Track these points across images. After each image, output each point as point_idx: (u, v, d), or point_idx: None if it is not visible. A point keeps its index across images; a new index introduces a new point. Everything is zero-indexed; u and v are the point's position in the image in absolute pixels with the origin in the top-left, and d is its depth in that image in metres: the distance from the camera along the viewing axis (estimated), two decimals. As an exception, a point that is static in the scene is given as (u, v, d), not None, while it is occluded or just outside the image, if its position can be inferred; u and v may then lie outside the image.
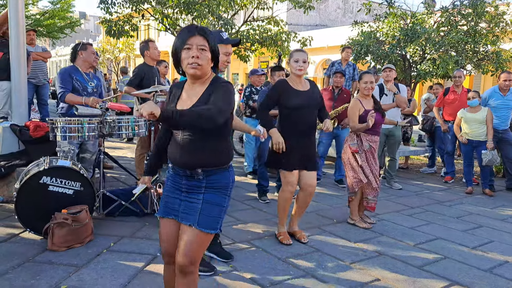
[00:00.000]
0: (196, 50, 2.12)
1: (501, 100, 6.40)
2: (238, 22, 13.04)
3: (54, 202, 3.76)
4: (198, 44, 2.13)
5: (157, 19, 11.46)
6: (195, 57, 2.12)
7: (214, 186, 2.22)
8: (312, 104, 3.91)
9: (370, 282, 3.30)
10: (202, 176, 2.20)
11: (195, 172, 2.20)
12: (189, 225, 2.18)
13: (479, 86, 18.12)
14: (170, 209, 2.28)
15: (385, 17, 9.55)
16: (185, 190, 2.25)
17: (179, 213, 2.24)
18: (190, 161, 2.19)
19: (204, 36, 2.14)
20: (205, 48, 2.14)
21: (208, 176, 2.21)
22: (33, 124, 4.94)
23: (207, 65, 2.17)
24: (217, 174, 2.23)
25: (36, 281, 3.07)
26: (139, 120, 4.30)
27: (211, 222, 2.19)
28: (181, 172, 2.24)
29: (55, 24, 17.45)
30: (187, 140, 2.18)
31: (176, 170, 2.27)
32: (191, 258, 2.18)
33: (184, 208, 2.23)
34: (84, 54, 4.60)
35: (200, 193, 2.21)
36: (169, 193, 2.30)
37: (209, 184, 2.21)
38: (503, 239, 4.39)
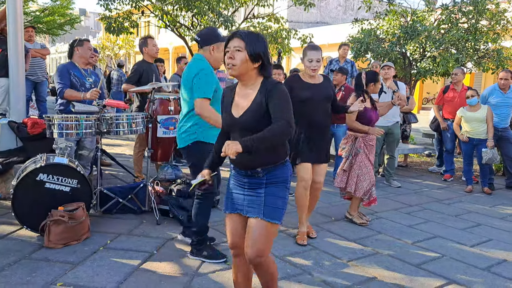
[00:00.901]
0: (232, 52, 2.28)
1: (501, 98, 6.38)
2: (238, 19, 13.00)
3: (51, 199, 3.75)
4: (234, 46, 2.28)
5: (157, 16, 11.42)
6: (230, 58, 2.28)
7: (274, 181, 2.37)
8: (324, 97, 3.92)
9: (367, 280, 3.29)
10: (262, 174, 2.36)
11: (255, 172, 2.36)
12: (255, 218, 2.32)
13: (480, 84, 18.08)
14: (235, 204, 2.44)
15: (385, 14, 9.52)
16: (248, 187, 2.40)
17: (244, 207, 2.40)
18: (250, 163, 2.34)
19: (240, 38, 2.28)
20: (240, 49, 2.27)
21: (267, 173, 2.36)
22: (31, 121, 4.93)
23: (243, 65, 2.28)
24: (276, 170, 2.37)
25: (32, 278, 3.07)
26: (136, 117, 4.29)
27: (275, 213, 2.33)
28: (242, 172, 2.40)
29: (55, 21, 17.44)
30: None
31: (237, 170, 2.42)
32: (258, 249, 2.29)
33: (248, 203, 2.38)
34: (80, 50, 4.58)
35: (262, 188, 2.36)
36: (233, 190, 2.46)
37: (269, 180, 2.36)
38: (501, 237, 4.38)
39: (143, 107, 5.40)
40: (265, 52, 2.32)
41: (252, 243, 2.30)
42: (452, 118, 6.74)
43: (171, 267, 3.35)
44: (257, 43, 2.29)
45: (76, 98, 4.38)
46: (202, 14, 10.91)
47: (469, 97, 6.16)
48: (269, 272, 2.41)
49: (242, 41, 2.27)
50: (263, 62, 2.32)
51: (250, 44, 2.27)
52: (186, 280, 3.16)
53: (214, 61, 3.40)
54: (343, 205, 5.21)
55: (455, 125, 6.44)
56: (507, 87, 6.39)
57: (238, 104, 2.37)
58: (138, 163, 5.60)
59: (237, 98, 2.39)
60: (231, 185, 2.49)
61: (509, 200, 5.88)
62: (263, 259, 2.32)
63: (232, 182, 2.48)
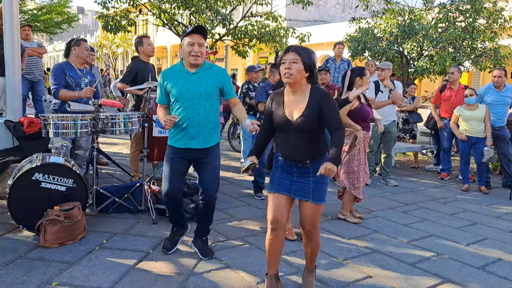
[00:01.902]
0: (288, 64, 2.73)
1: (496, 97, 6.39)
2: (237, 18, 12.97)
3: (47, 198, 3.75)
4: (290, 58, 2.74)
5: (155, 14, 11.41)
6: (287, 68, 2.73)
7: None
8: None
9: (362, 279, 3.30)
10: (310, 165, 2.83)
11: (304, 163, 2.84)
12: (305, 201, 2.86)
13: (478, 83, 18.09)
14: (283, 186, 2.90)
15: (383, 13, 9.51)
16: (297, 175, 2.87)
17: (292, 191, 2.88)
18: (301, 157, 2.83)
19: (296, 52, 2.75)
20: (296, 61, 2.73)
21: (314, 164, 2.82)
22: (27, 120, 4.93)
23: (298, 74, 2.74)
24: (320, 161, 2.82)
25: (28, 278, 3.07)
26: (132, 116, 4.29)
27: (321, 196, 2.88)
28: (293, 163, 2.86)
29: (52, 19, 17.40)
30: (297, 143, 2.81)
31: (287, 161, 2.88)
32: (313, 224, 2.92)
33: (297, 188, 2.87)
34: (77, 50, 4.57)
35: (310, 177, 2.85)
36: (281, 175, 2.92)
37: (315, 169, 2.79)
38: (497, 236, 4.39)
39: (139, 106, 5.40)
40: (315, 64, 2.80)
41: (309, 221, 2.90)
42: (449, 117, 6.75)
43: (167, 266, 3.35)
44: (309, 56, 2.76)
45: (70, 97, 4.37)
46: (200, 13, 10.90)
47: (467, 96, 6.16)
48: (317, 240, 3.02)
49: (298, 55, 2.73)
50: (312, 72, 2.78)
51: (305, 57, 2.73)
52: (181, 279, 3.16)
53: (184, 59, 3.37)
54: (339, 204, 5.22)
55: (453, 124, 6.45)
56: (502, 85, 6.39)
57: (291, 108, 2.82)
58: (135, 162, 5.59)
59: (288, 102, 2.85)
60: (278, 171, 2.94)
61: (505, 199, 5.89)
62: (316, 230, 2.96)
63: (280, 170, 2.93)
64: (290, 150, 2.85)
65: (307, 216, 2.90)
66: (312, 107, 2.76)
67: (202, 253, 3.56)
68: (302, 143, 2.81)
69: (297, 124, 2.78)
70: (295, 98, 2.83)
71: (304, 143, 2.81)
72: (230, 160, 7.70)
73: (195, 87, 3.30)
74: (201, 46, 3.26)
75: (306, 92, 2.81)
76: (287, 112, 2.82)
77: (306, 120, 2.76)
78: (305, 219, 2.92)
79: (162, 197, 4.40)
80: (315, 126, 2.78)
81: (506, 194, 6.03)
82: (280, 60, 2.79)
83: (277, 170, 2.95)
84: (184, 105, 3.30)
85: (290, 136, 2.83)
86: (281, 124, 2.84)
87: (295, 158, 2.84)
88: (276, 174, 2.94)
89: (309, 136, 2.81)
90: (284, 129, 2.84)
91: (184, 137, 3.35)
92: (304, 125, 2.77)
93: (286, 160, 2.89)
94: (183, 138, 3.36)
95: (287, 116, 2.81)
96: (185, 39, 3.27)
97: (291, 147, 2.84)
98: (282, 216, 2.89)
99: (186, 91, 3.29)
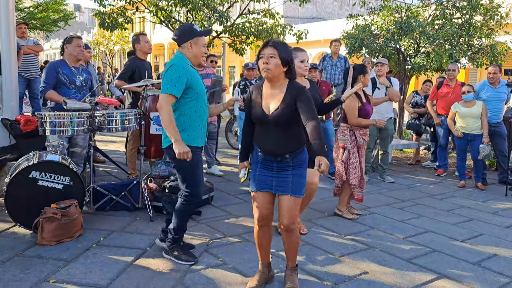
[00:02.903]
0: (266, 58, 2.74)
1: (492, 93, 6.41)
2: (234, 15, 12.95)
3: (44, 196, 3.76)
4: (268, 53, 2.75)
5: (152, 12, 11.37)
6: (266, 63, 2.74)
7: (298, 163, 2.87)
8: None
9: (358, 275, 3.32)
10: (289, 158, 2.84)
11: (284, 157, 2.84)
12: (285, 195, 2.84)
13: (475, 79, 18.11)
14: (264, 183, 2.90)
15: (379, 10, 9.51)
16: (276, 170, 2.87)
17: (273, 186, 2.89)
18: (280, 150, 2.83)
19: (274, 46, 2.76)
20: (274, 56, 2.73)
21: (293, 157, 2.84)
22: (23, 118, 4.92)
23: (276, 69, 2.75)
24: (299, 154, 2.87)
25: (25, 275, 3.08)
26: (128, 114, 4.29)
27: (301, 189, 2.87)
28: (272, 158, 2.86)
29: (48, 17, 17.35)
30: (276, 135, 2.82)
31: (266, 157, 2.88)
32: (292, 218, 2.87)
33: (277, 183, 2.87)
34: (69, 47, 4.55)
35: (289, 170, 2.85)
36: (261, 172, 2.92)
37: (295, 162, 2.85)
38: (493, 232, 4.41)
39: (136, 104, 5.40)
40: (293, 59, 2.82)
41: (287, 214, 2.86)
42: (445, 114, 6.76)
43: (164, 263, 3.36)
44: (287, 51, 2.77)
45: (56, 101, 4.37)
46: (197, 10, 10.86)
47: (465, 93, 6.18)
48: (297, 235, 2.98)
49: (276, 49, 2.74)
50: (290, 67, 2.79)
51: (282, 52, 2.74)
52: (178, 276, 3.18)
53: (193, 57, 3.29)
54: (336, 200, 5.24)
55: (449, 120, 6.47)
56: (497, 81, 6.41)
57: (268, 102, 2.84)
58: (132, 159, 5.60)
59: (266, 97, 2.86)
60: (258, 168, 2.93)
61: (501, 195, 5.92)
62: (295, 225, 2.90)
63: (259, 166, 2.93)
64: (268, 144, 2.86)
65: (287, 210, 2.87)
66: (289, 101, 2.78)
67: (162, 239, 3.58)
68: (280, 136, 2.82)
69: (273, 117, 2.80)
70: (273, 92, 2.85)
71: (282, 136, 2.82)
72: (227, 158, 7.71)
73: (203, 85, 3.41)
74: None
75: (284, 86, 2.83)
76: (264, 105, 2.85)
77: (282, 113, 2.77)
78: (285, 214, 2.88)
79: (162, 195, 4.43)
80: (291, 119, 2.79)
81: (502, 191, 6.06)
82: (258, 55, 2.81)
83: (257, 166, 2.96)
84: (204, 103, 3.32)
85: (268, 129, 2.85)
86: (259, 117, 2.87)
87: (274, 152, 2.85)
88: (257, 172, 2.95)
89: (287, 129, 2.81)
90: (262, 122, 2.87)
91: (203, 136, 3.39)
92: (280, 118, 2.78)
93: (265, 155, 2.89)
94: (203, 136, 3.37)
95: (264, 109, 2.84)
96: (201, 39, 3.26)
97: (270, 141, 2.85)
98: (268, 213, 2.95)
99: (204, 88, 3.37)
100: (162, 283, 3.06)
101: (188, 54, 3.29)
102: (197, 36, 3.25)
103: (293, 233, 2.94)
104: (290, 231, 2.92)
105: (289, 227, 2.90)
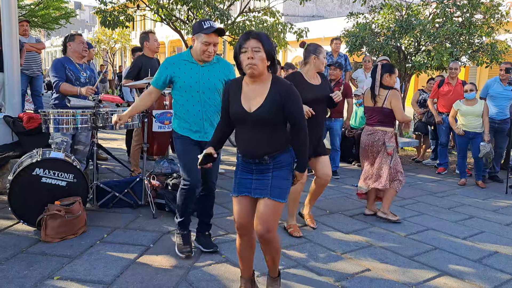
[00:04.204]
0: (251, 52, 2.44)
1: (500, 90, 6.44)
2: (234, 13, 12.95)
3: (47, 193, 3.78)
4: (252, 46, 2.44)
5: (153, 10, 11.37)
6: (250, 58, 2.44)
7: (279, 166, 2.60)
8: (324, 98, 4.00)
9: (361, 272, 3.34)
10: (268, 160, 2.59)
11: (262, 159, 2.59)
12: (263, 198, 2.56)
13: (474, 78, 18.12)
14: (243, 187, 2.66)
15: (380, 8, 9.52)
16: (256, 172, 2.63)
17: (252, 190, 2.63)
18: (258, 153, 2.58)
19: (258, 39, 2.46)
20: (258, 50, 2.45)
21: (274, 159, 2.59)
22: (26, 115, 4.94)
23: (262, 64, 2.47)
24: (280, 156, 2.60)
25: (30, 272, 3.10)
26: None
27: (281, 193, 2.57)
28: (251, 160, 2.61)
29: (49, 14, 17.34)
30: (254, 137, 2.57)
31: (246, 159, 2.64)
32: (267, 226, 2.53)
33: (256, 185, 2.61)
34: (72, 44, 4.58)
35: (269, 172, 2.60)
36: (241, 175, 2.69)
37: (275, 165, 2.59)
38: (493, 229, 4.44)
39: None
40: (275, 51, 2.56)
41: (262, 220, 2.54)
42: (446, 112, 6.78)
43: (167, 260, 3.38)
44: (270, 43, 2.50)
45: (71, 92, 4.38)
46: (197, 8, 10.86)
47: (467, 91, 6.20)
48: (276, 247, 2.65)
49: (259, 42, 2.45)
50: (273, 60, 2.53)
51: (266, 44, 2.47)
52: (182, 272, 3.19)
53: (194, 52, 3.31)
54: (338, 198, 5.28)
55: (451, 118, 6.48)
56: (507, 78, 6.43)
57: (249, 98, 2.56)
58: (135, 156, 5.61)
59: (246, 92, 2.58)
60: (239, 171, 2.71)
61: (502, 193, 5.94)
62: (271, 235, 2.56)
63: (240, 169, 2.71)
64: (247, 145, 2.60)
65: (263, 215, 2.53)
66: (273, 99, 2.51)
67: (208, 246, 3.57)
68: (260, 136, 2.56)
69: (255, 115, 2.53)
70: (254, 88, 2.56)
71: (262, 136, 2.55)
72: (229, 155, 7.72)
73: (204, 80, 3.31)
74: (215, 46, 3.26)
75: (267, 82, 2.55)
76: (244, 102, 2.57)
77: (265, 112, 2.51)
78: (259, 220, 2.54)
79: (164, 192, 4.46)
80: (274, 119, 2.53)
81: (502, 189, 6.08)
82: (239, 48, 2.50)
83: (238, 169, 2.73)
84: (194, 98, 3.31)
85: (247, 129, 2.59)
86: (238, 115, 2.59)
87: (252, 154, 2.59)
88: (237, 174, 2.72)
89: (268, 129, 2.55)
90: (241, 121, 2.60)
91: (200, 131, 3.37)
92: (262, 117, 2.52)
93: (244, 157, 2.65)
94: (199, 132, 3.37)
95: (244, 107, 2.56)
96: (202, 36, 3.22)
97: (248, 141, 2.60)
98: (248, 221, 2.67)
99: (196, 84, 3.29)
100: (166, 280, 3.08)
101: (193, 48, 3.33)
102: (198, 32, 3.26)
103: (270, 243, 2.60)
104: (265, 241, 2.58)
105: (264, 236, 2.55)
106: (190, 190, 3.37)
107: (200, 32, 3.23)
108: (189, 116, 3.34)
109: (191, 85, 3.29)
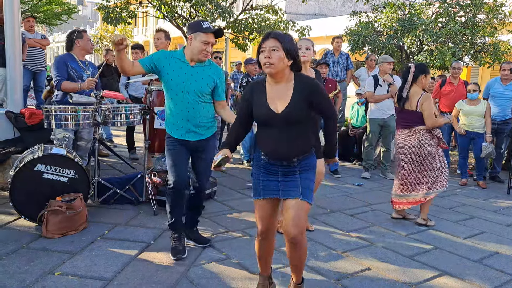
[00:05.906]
0: (268, 52, 2.45)
1: (500, 90, 6.43)
2: (237, 11, 12.94)
3: (49, 189, 3.78)
4: (270, 46, 2.45)
5: (155, 6, 11.37)
6: (267, 57, 2.45)
7: (306, 168, 2.60)
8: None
9: (361, 271, 3.34)
10: (296, 163, 2.57)
11: (291, 162, 2.56)
12: (294, 199, 2.53)
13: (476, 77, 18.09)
14: (269, 190, 2.62)
15: (383, 7, 9.51)
16: (282, 174, 2.60)
17: (280, 191, 2.60)
18: (287, 154, 2.55)
19: (276, 38, 2.46)
20: (277, 49, 2.44)
21: (301, 161, 2.58)
22: (28, 111, 4.95)
23: (280, 63, 2.46)
24: (307, 158, 2.60)
25: (31, 267, 3.11)
26: (133, 108, 4.31)
27: (310, 194, 2.58)
28: (277, 162, 2.58)
29: (52, 10, 17.34)
30: (283, 136, 2.54)
31: (270, 161, 2.60)
32: (300, 227, 2.52)
33: (284, 187, 2.58)
34: (81, 42, 4.56)
35: (297, 173, 2.58)
36: (264, 177, 2.64)
37: (302, 167, 2.59)
38: (494, 230, 4.43)
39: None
40: (297, 50, 2.54)
41: (295, 223, 2.50)
42: (448, 111, 6.78)
43: (168, 257, 3.39)
44: (291, 42, 2.49)
45: (73, 89, 4.38)
46: (200, 5, 10.86)
47: (470, 91, 6.19)
48: (305, 249, 2.65)
49: (278, 41, 2.45)
50: (295, 59, 2.51)
51: (285, 43, 2.46)
52: (182, 270, 3.20)
53: (190, 51, 3.29)
54: (339, 197, 5.28)
55: (453, 118, 6.48)
56: (509, 79, 6.42)
57: (275, 99, 2.54)
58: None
59: (271, 93, 2.57)
60: (261, 173, 2.65)
61: (503, 193, 5.94)
62: (303, 236, 2.56)
63: (262, 171, 2.65)
64: (275, 146, 2.55)
65: (295, 217, 2.50)
66: (299, 97, 2.50)
67: (201, 242, 3.63)
68: (288, 137, 2.53)
69: (283, 116, 2.51)
70: (278, 88, 2.55)
71: (291, 137, 2.53)
72: (229, 153, 7.72)
73: (191, 81, 3.29)
74: (212, 47, 3.27)
75: (290, 81, 2.55)
76: (271, 103, 2.54)
77: (293, 111, 2.49)
78: (291, 222, 2.51)
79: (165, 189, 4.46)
80: (303, 117, 2.53)
81: (503, 189, 6.08)
82: (259, 48, 2.51)
83: (260, 172, 2.66)
84: (179, 98, 3.30)
85: (274, 130, 2.55)
86: (264, 117, 2.56)
87: (281, 155, 2.55)
88: (260, 177, 2.65)
89: (297, 129, 2.54)
90: (268, 123, 2.56)
91: (181, 129, 3.36)
92: (291, 117, 2.50)
93: (270, 160, 2.60)
94: (180, 129, 3.37)
95: (272, 108, 2.53)
96: (201, 35, 3.20)
97: (276, 143, 2.55)
98: (272, 223, 2.68)
99: (182, 84, 3.27)
100: (166, 277, 3.09)
101: (187, 47, 3.33)
102: (198, 31, 3.25)
103: (301, 246, 2.57)
104: (297, 243, 2.54)
105: (297, 238, 2.52)
106: (174, 191, 3.38)
107: (199, 31, 3.23)
108: (172, 114, 3.37)
109: (177, 84, 3.28)
